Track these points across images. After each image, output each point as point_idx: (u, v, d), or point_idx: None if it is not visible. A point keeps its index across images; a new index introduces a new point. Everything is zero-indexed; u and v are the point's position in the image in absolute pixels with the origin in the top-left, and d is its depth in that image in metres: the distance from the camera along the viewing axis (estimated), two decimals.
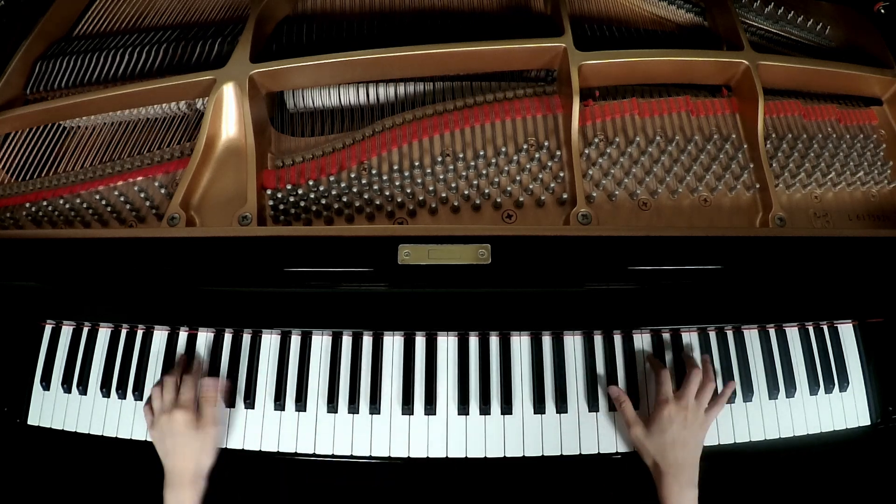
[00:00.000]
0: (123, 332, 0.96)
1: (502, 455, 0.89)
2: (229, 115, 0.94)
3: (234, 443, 0.90)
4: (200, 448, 0.84)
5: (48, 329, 0.97)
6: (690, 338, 0.95)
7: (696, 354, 0.94)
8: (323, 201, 0.91)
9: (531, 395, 0.91)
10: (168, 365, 0.93)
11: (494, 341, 0.94)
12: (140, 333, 0.96)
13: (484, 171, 0.93)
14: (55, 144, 1.00)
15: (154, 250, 0.84)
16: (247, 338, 0.94)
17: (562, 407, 0.90)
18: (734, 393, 0.92)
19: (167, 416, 0.83)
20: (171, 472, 0.82)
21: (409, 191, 0.91)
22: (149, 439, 0.90)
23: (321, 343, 0.94)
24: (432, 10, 1.10)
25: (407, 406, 0.90)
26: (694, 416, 0.83)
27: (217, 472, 0.85)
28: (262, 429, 0.90)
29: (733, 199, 0.94)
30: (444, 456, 0.89)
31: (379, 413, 0.90)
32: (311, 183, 0.92)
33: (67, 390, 0.94)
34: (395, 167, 0.92)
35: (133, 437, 0.91)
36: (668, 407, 0.83)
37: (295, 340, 0.94)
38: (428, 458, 0.88)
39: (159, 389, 0.87)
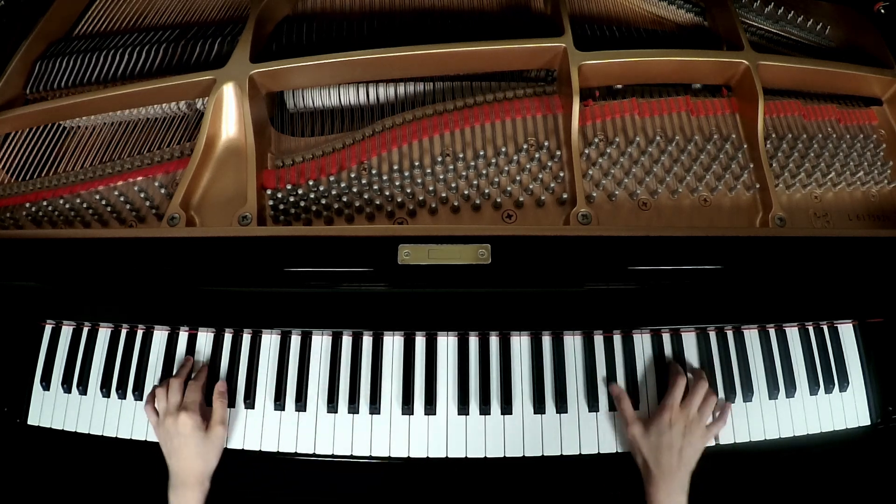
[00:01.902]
0: (123, 332, 0.96)
1: (502, 455, 0.89)
2: (229, 115, 0.94)
3: (235, 443, 0.90)
4: (206, 450, 0.84)
5: (48, 329, 0.97)
6: (690, 338, 0.95)
7: (696, 354, 0.94)
8: (323, 201, 0.91)
9: (531, 395, 0.91)
10: (168, 365, 0.93)
11: (494, 341, 0.94)
12: (140, 333, 0.96)
13: (484, 171, 0.93)
14: (55, 144, 1.00)
15: (154, 250, 0.84)
16: (247, 338, 0.94)
17: (562, 407, 0.90)
18: (734, 393, 0.92)
19: (173, 417, 0.84)
20: (177, 472, 0.82)
21: (409, 191, 0.91)
22: (149, 439, 0.91)
23: (321, 343, 0.94)
24: (432, 10, 1.10)
25: (407, 406, 0.90)
26: (696, 427, 0.84)
27: (217, 472, 0.85)
28: (262, 429, 0.90)
29: (733, 199, 0.94)
30: (444, 456, 0.89)
31: (379, 413, 0.90)
32: (311, 183, 0.92)
33: (67, 390, 0.94)
34: (395, 167, 0.92)
35: (133, 437, 0.91)
36: (671, 412, 0.84)
37: (295, 340, 0.94)
38: (428, 458, 0.89)
39: (164, 390, 0.87)
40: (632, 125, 0.99)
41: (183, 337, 0.95)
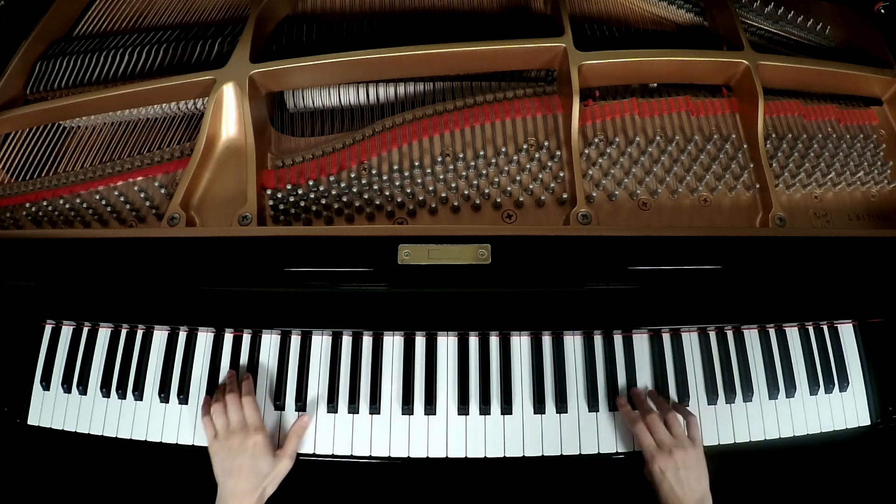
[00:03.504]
0: (123, 332, 0.96)
1: (502, 455, 0.89)
2: (229, 115, 0.94)
3: None
4: (269, 476, 0.81)
5: (48, 329, 0.97)
6: (690, 338, 0.95)
7: (697, 355, 0.94)
8: (323, 201, 0.91)
9: (531, 395, 0.91)
10: (168, 365, 0.93)
11: (494, 341, 0.94)
12: (140, 333, 0.95)
13: (484, 171, 0.93)
14: (55, 144, 1.00)
15: (154, 250, 0.84)
16: (247, 338, 0.94)
17: (562, 407, 0.90)
18: (734, 393, 0.92)
19: (242, 435, 0.81)
20: (231, 493, 0.78)
21: (409, 191, 0.91)
22: (148, 439, 0.90)
23: (321, 343, 0.94)
24: (432, 11, 1.10)
25: (407, 406, 0.90)
26: (684, 453, 0.81)
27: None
28: None
29: (733, 199, 0.94)
30: (444, 456, 0.89)
31: (379, 413, 0.90)
32: (311, 183, 0.92)
33: (67, 390, 0.94)
34: (395, 167, 0.92)
35: (133, 437, 0.91)
36: (656, 461, 0.81)
37: (295, 340, 0.94)
38: (428, 458, 0.88)
39: (222, 406, 0.85)
40: (632, 125, 0.99)
41: (183, 337, 0.95)
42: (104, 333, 0.96)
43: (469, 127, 0.97)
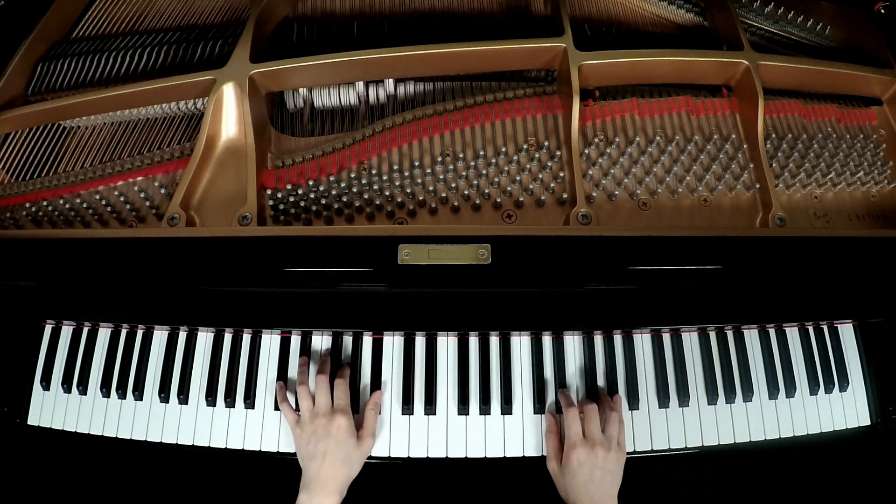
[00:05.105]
0: (123, 332, 0.96)
1: (502, 455, 0.89)
2: (229, 115, 0.94)
3: (234, 443, 0.90)
4: (354, 457, 0.82)
5: (48, 329, 0.97)
6: (690, 338, 0.95)
7: (697, 355, 0.94)
8: (323, 201, 0.91)
9: (531, 395, 0.91)
10: (168, 365, 0.93)
11: (494, 341, 0.94)
12: (140, 333, 0.95)
13: (484, 171, 0.93)
14: (55, 144, 1.00)
15: (154, 250, 0.84)
16: (247, 338, 0.94)
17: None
18: (734, 393, 0.91)
19: (327, 419, 0.81)
20: (317, 475, 0.79)
21: (409, 191, 0.91)
22: (148, 439, 0.90)
23: (321, 343, 0.94)
24: (432, 11, 1.10)
25: (407, 406, 0.90)
26: (606, 452, 0.80)
27: (216, 472, 0.85)
28: (262, 429, 0.90)
29: (733, 199, 0.94)
30: (444, 456, 0.88)
31: (379, 413, 0.90)
32: (311, 183, 0.92)
33: (67, 390, 0.94)
34: (395, 167, 0.92)
35: (133, 437, 0.91)
36: (576, 451, 0.80)
37: (295, 340, 0.94)
38: (428, 458, 0.88)
39: (306, 388, 0.85)
40: (632, 125, 0.99)
41: (182, 337, 0.95)
42: (104, 333, 0.96)
43: (469, 127, 0.97)
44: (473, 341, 0.93)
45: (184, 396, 0.92)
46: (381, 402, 0.89)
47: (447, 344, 0.93)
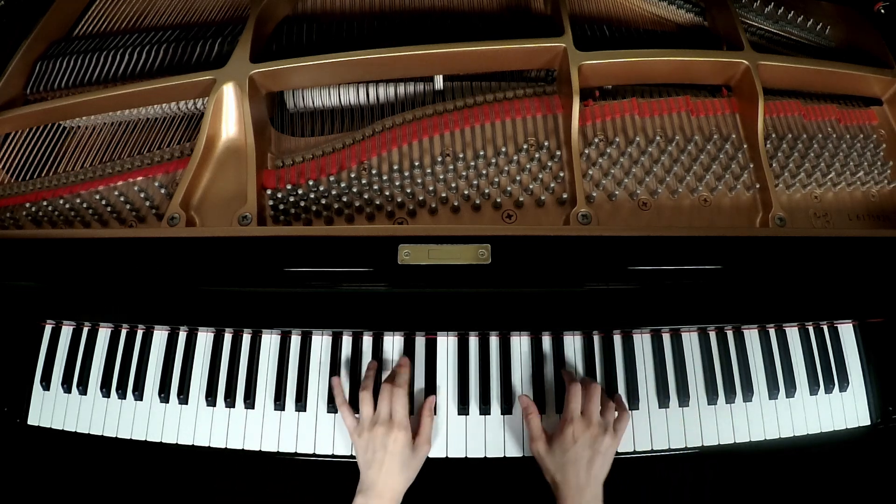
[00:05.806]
0: (123, 332, 0.96)
1: (502, 455, 0.89)
2: (229, 115, 0.94)
3: (234, 443, 0.90)
4: (410, 466, 0.82)
5: (48, 329, 0.97)
6: (690, 338, 0.95)
7: (697, 355, 0.94)
8: (323, 201, 0.91)
9: (531, 395, 0.91)
10: (168, 365, 0.93)
11: (494, 341, 0.94)
12: (140, 333, 0.95)
13: (484, 171, 0.93)
14: (55, 144, 1.00)
15: (154, 250, 0.84)
16: (247, 338, 0.94)
17: (561, 407, 0.90)
18: (734, 393, 0.92)
19: (385, 429, 0.81)
20: (374, 483, 0.79)
21: (409, 191, 0.91)
22: (148, 439, 0.90)
23: (321, 343, 0.94)
24: (432, 11, 1.10)
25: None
26: (602, 433, 0.80)
27: (217, 472, 0.85)
28: (262, 429, 0.90)
29: (733, 199, 0.94)
30: (444, 456, 0.89)
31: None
32: (311, 183, 0.92)
33: (67, 390, 0.94)
34: (395, 167, 0.92)
35: (133, 437, 0.91)
36: (573, 425, 0.80)
37: (295, 340, 0.94)
38: (427, 458, 0.88)
39: (369, 395, 0.85)
40: (632, 125, 0.99)
41: (182, 337, 0.95)
42: (104, 333, 0.96)
43: (469, 127, 0.97)
44: (473, 341, 0.93)
45: (184, 396, 0.92)
46: (434, 404, 0.89)
47: (447, 344, 0.93)
